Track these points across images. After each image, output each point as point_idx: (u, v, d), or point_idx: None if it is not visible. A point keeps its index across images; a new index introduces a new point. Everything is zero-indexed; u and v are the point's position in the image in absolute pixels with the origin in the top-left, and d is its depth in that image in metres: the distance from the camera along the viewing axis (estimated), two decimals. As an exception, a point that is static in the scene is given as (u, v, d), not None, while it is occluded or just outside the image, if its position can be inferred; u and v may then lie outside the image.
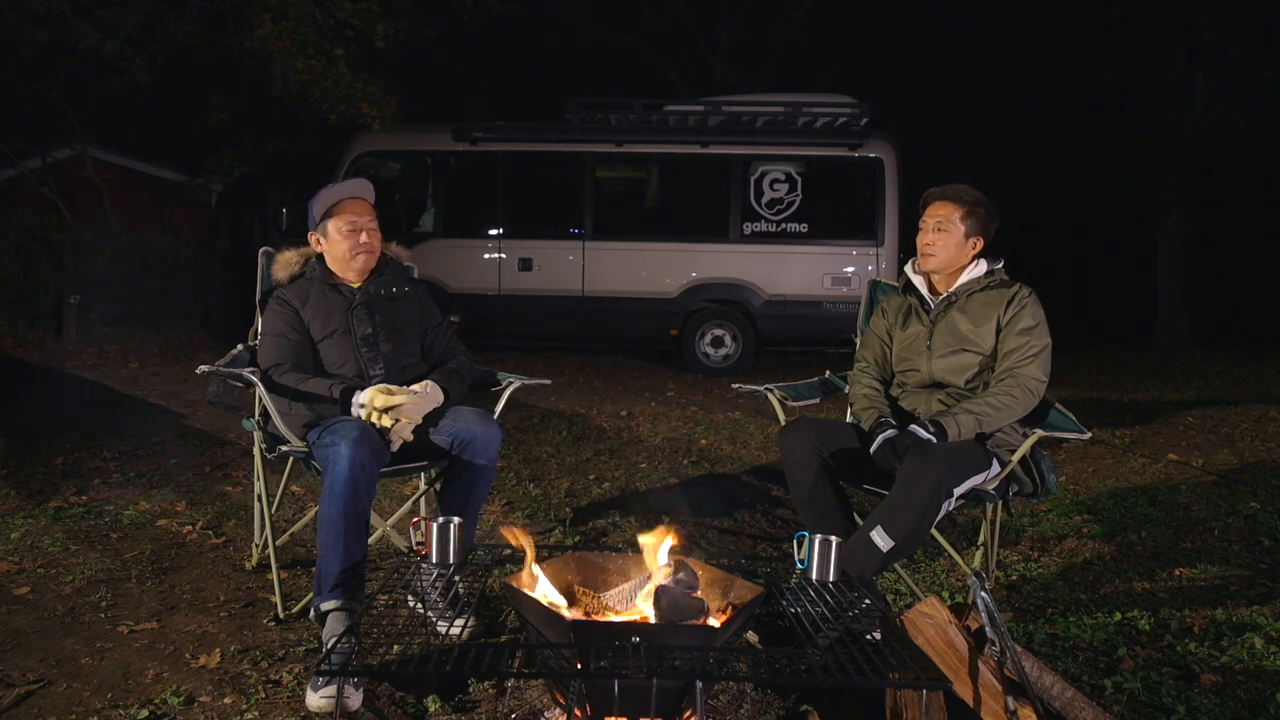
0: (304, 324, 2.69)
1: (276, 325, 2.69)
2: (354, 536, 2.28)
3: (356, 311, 2.72)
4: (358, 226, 2.70)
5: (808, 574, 2.05)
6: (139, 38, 9.45)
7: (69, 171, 12.00)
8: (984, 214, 2.66)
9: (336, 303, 2.72)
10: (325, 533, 2.28)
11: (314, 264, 2.79)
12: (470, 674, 1.99)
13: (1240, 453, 5.04)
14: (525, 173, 9.29)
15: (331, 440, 2.35)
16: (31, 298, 8.89)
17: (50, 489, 3.88)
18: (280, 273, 2.82)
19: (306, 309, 2.70)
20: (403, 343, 2.76)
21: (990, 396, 2.53)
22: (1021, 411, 2.54)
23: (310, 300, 2.71)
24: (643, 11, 16.00)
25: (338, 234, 2.71)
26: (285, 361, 2.62)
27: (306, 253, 2.83)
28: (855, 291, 8.68)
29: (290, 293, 2.74)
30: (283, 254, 2.85)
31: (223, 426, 5.20)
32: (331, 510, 2.27)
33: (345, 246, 2.70)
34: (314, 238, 2.78)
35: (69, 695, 2.11)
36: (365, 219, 2.72)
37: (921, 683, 1.58)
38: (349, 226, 2.70)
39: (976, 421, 2.48)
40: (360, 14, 9.68)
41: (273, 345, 2.67)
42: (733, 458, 4.93)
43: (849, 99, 9.03)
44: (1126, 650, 2.41)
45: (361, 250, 2.71)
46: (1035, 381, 2.54)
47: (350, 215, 2.70)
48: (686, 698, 1.67)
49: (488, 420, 2.60)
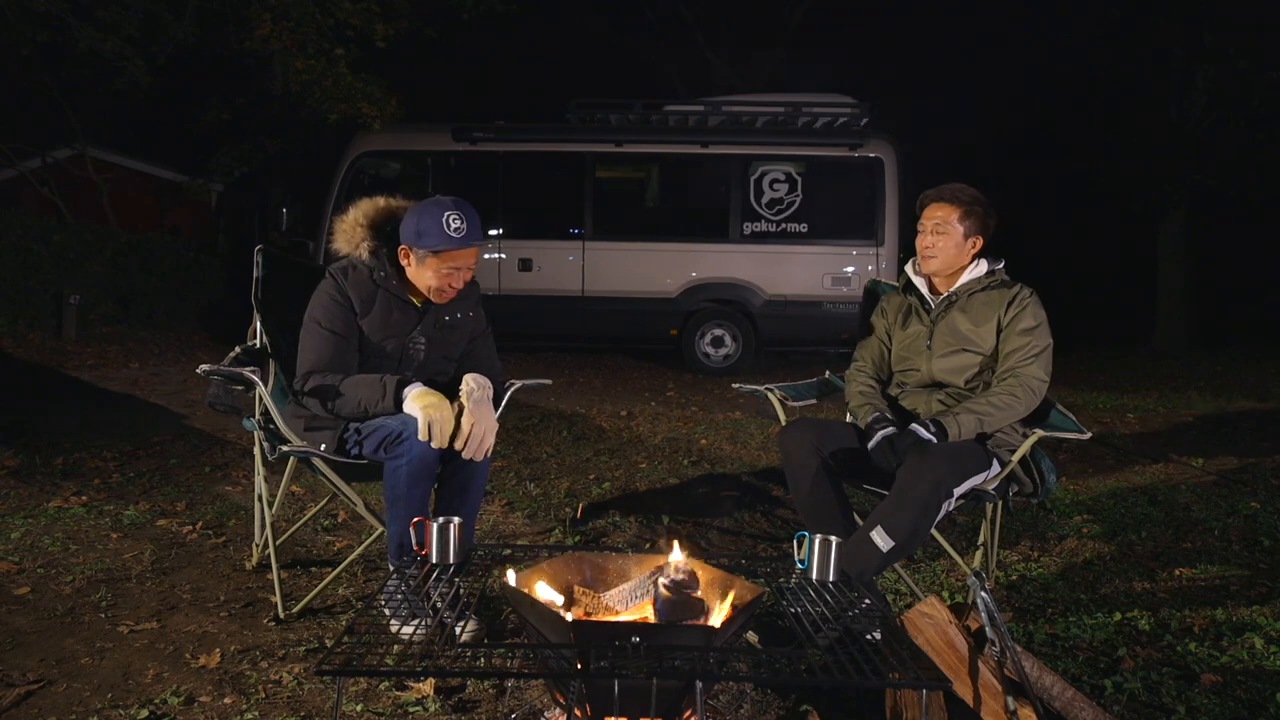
0: (356, 326, 2.54)
1: (333, 319, 2.51)
2: (426, 507, 2.42)
3: (415, 339, 2.61)
4: (459, 276, 2.53)
5: (808, 574, 2.05)
6: (139, 38, 9.45)
7: (69, 171, 11.99)
8: (981, 212, 2.65)
9: (399, 324, 2.57)
10: (407, 506, 2.36)
11: (385, 265, 2.57)
12: (470, 674, 2.00)
13: (1240, 453, 5.04)
14: (525, 173, 9.29)
15: (403, 420, 2.38)
16: (31, 298, 8.89)
17: (50, 489, 3.87)
18: (344, 245, 2.57)
19: (367, 319, 2.55)
20: (443, 367, 2.70)
21: (992, 396, 2.53)
22: (1023, 411, 2.54)
23: (374, 308, 2.55)
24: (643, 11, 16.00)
25: (434, 272, 2.51)
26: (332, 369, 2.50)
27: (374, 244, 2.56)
28: (855, 291, 8.67)
29: (351, 288, 2.53)
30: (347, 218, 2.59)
31: (223, 426, 5.20)
32: (413, 489, 2.37)
33: (434, 284, 2.52)
34: (404, 250, 2.54)
35: (69, 695, 2.11)
36: (469, 262, 2.54)
37: (921, 683, 1.58)
38: (449, 270, 2.51)
39: (978, 421, 2.48)
40: (360, 14, 9.68)
41: (324, 342, 2.50)
42: (733, 458, 4.93)
43: (849, 99, 9.04)
44: (1126, 650, 2.41)
45: (449, 292, 2.56)
46: (1037, 381, 2.54)
47: (459, 262, 2.51)
48: (686, 698, 1.67)
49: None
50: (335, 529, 3.51)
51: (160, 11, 9.59)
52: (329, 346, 2.51)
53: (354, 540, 3.33)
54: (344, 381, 2.49)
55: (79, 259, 9.44)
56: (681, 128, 9.12)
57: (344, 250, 2.59)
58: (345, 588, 2.84)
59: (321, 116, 10.06)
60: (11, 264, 8.72)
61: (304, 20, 9.44)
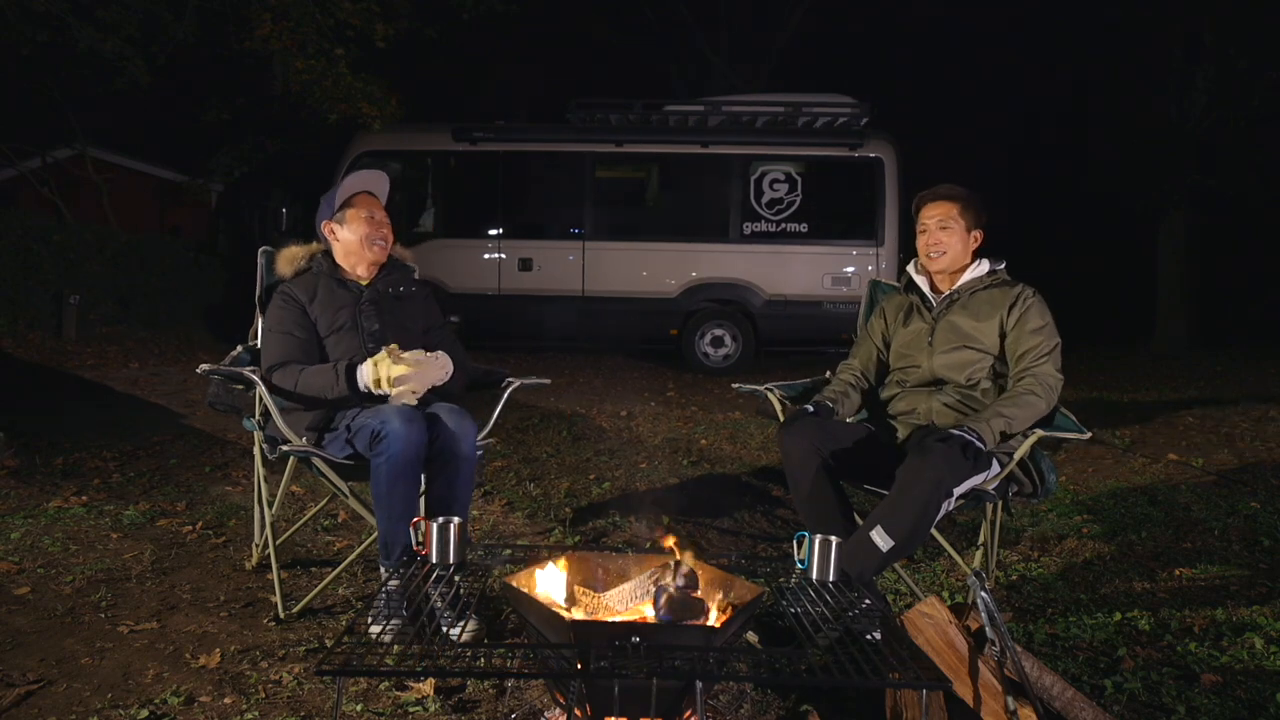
0: (310, 320, 2.69)
1: (282, 321, 2.68)
2: (413, 506, 2.44)
3: (365, 308, 2.73)
4: (375, 217, 2.76)
5: (808, 574, 2.05)
6: (139, 38, 9.44)
7: (69, 171, 11.98)
8: (977, 206, 2.73)
9: (344, 298, 2.73)
10: (390, 506, 2.38)
11: (320, 259, 2.80)
12: (470, 674, 2.00)
13: (1240, 453, 5.04)
14: (525, 173, 9.30)
15: (384, 418, 2.39)
16: (31, 298, 8.89)
17: (50, 489, 3.87)
18: (284, 267, 2.82)
19: (314, 304, 2.70)
20: (408, 341, 2.76)
21: (1013, 397, 2.53)
22: (1045, 409, 2.54)
23: (318, 295, 2.71)
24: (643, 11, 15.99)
25: (355, 221, 2.74)
26: (291, 360, 2.62)
27: (312, 248, 2.84)
28: (855, 291, 8.68)
29: (296, 288, 2.74)
30: (287, 249, 2.85)
31: (223, 426, 5.20)
32: (395, 487, 2.37)
33: (363, 233, 2.73)
34: (328, 226, 2.79)
35: (69, 695, 2.11)
36: (379, 212, 2.79)
37: (921, 683, 1.58)
38: (368, 215, 2.74)
39: (1006, 424, 2.48)
40: (360, 14, 9.67)
41: (277, 342, 2.66)
42: (733, 458, 4.93)
43: (849, 99, 9.03)
44: (1126, 650, 2.41)
45: (378, 238, 2.75)
46: (1053, 379, 2.56)
47: (370, 206, 2.76)
48: (686, 698, 1.67)
49: (460, 414, 2.60)
50: (335, 529, 3.51)
51: (160, 11, 9.58)
52: (282, 344, 2.66)
53: (354, 540, 3.33)
54: (302, 373, 2.58)
55: (79, 259, 9.44)
56: (681, 128, 9.12)
57: (286, 272, 2.81)
58: (345, 588, 2.84)
59: (321, 116, 10.05)
60: (11, 264, 8.71)
61: (304, 20, 9.43)
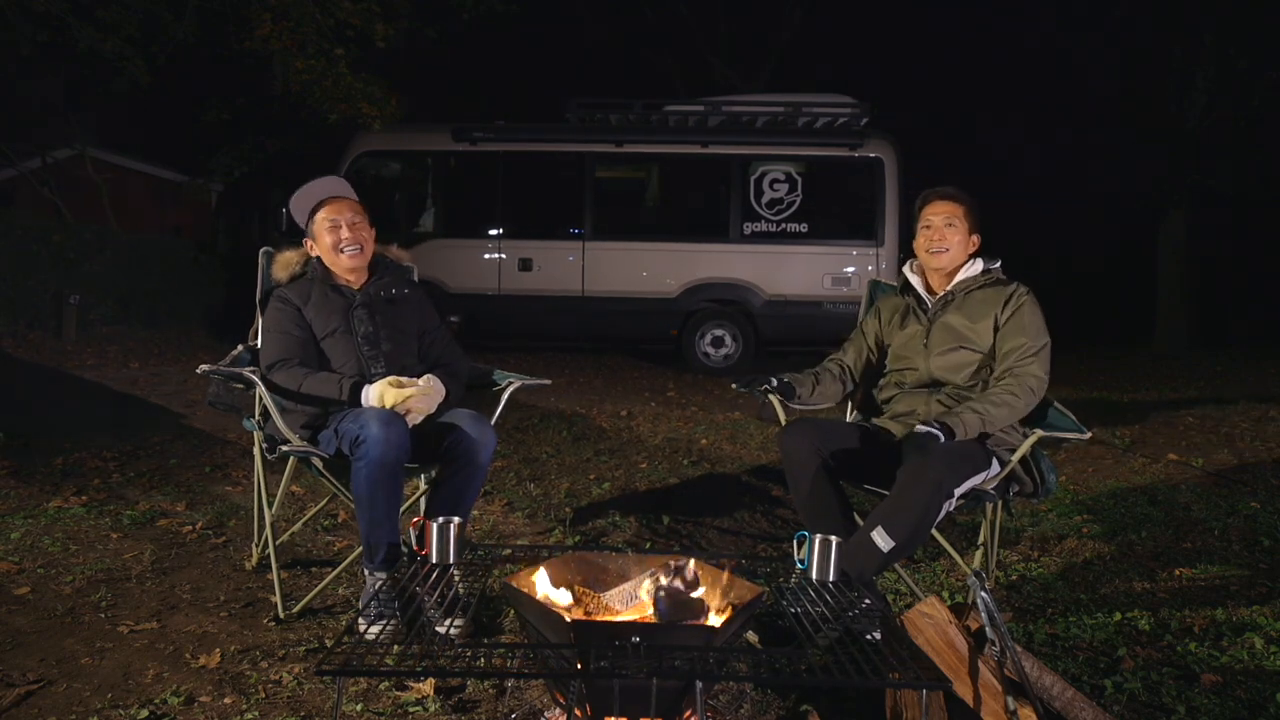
0: (306, 322, 2.71)
1: (280, 322, 2.71)
2: (395, 509, 2.44)
3: (357, 311, 2.74)
4: (337, 223, 2.72)
5: (808, 574, 2.05)
6: (139, 38, 9.45)
7: (69, 171, 11.99)
8: (977, 211, 2.74)
9: (337, 303, 2.75)
10: (370, 509, 2.39)
11: (315, 264, 2.81)
12: (470, 674, 2.00)
13: (1240, 453, 5.04)
14: (525, 173, 9.29)
15: (362, 423, 2.40)
16: (31, 298, 8.89)
17: (50, 489, 3.87)
18: (280, 273, 2.84)
19: (308, 308, 2.73)
20: (403, 343, 2.79)
21: (992, 395, 2.53)
22: (1023, 410, 2.54)
23: (312, 299, 2.74)
24: (643, 11, 15.99)
25: (320, 232, 2.74)
26: (291, 358, 2.64)
27: (306, 253, 2.84)
28: (855, 291, 8.68)
29: (292, 291, 2.77)
30: (282, 254, 2.87)
31: (223, 426, 5.19)
32: (375, 491, 2.37)
33: (329, 241, 2.73)
34: (307, 242, 2.81)
35: (69, 695, 2.11)
36: (346, 215, 2.73)
37: (921, 683, 1.58)
38: (330, 223, 2.73)
39: (980, 421, 2.48)
40: (360, 14, 9.66)
41: (276, 342, 2.69)
42: (733, 458, 4.93)
43: (849, 99, 9.03)
44: (1126, 650, 2.41)
45: (345, 244, 2.72)
46: (1035, 380, 2.54)
47: (330, 213, 2.74)
48: (686, 698, 1.67)
49: (483, 423, 2.61)
50: (335, 529, 3.51)
51: (160, 11, 9.58)
52: (281, 343, 2.68)
53: (354, 540, 3.33)
54: (307, 377, 2.61)
55: (79, 259, 9.44)
56: (681, 128, 9.11)
57: (282, 277, 2.84)
58: (345, 588, 2.84)
59: (321, 116, 10.05)
60: (11, 264, 8.71)
61: (304, 20, 9.43)
